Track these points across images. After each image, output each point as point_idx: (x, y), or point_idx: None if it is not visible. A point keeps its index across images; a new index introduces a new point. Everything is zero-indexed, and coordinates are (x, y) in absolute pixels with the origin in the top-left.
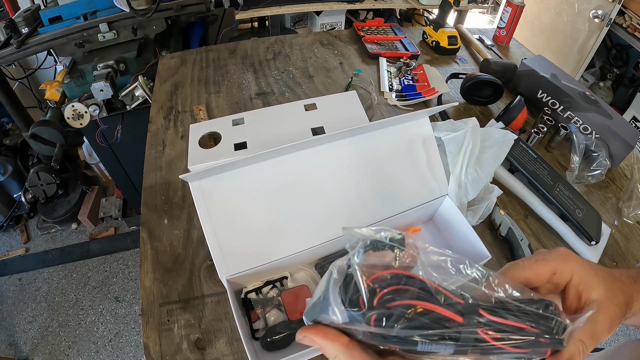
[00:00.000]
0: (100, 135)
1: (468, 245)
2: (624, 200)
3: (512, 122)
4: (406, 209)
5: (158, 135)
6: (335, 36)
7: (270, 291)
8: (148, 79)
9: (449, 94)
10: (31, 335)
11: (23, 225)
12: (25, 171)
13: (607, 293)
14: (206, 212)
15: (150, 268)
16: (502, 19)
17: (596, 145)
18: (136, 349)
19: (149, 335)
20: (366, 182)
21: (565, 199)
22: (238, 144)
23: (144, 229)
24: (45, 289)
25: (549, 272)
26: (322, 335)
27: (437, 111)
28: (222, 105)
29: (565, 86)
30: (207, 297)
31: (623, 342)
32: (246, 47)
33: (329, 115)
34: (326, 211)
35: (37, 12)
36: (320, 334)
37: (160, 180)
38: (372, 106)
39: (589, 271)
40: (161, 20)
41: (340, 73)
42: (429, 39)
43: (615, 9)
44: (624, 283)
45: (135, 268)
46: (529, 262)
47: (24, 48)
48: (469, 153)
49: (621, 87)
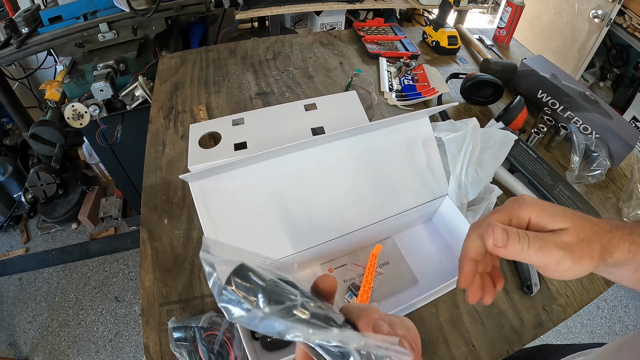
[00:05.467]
0: (100, 135)
1: None
2: (624, 200)
3: (512, 122)
4: (406, 209)
5: (158, 135)
6: (335, 36)
7: None
8: (148, 79)
9: (449, 94)
10: (31, 335)
11: (23, 225)
12: (25, 171)
13: (573, 226)
14: (206, 212)
15: (150, 268)
16: (502, 19)
17: (596, 145)
18: (136, 349)
19: (149, 335)
20: (366, 182)
21: (565, 199)
22: (238, 144)
23: (144, 229)
24: (45, 289)
25: (506, 221)
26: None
27: (437, 111)
28: (222, 105)
29: (565, 86)
30: (207, 297)
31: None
32: (246, 47)
33: (329, 115)
34: (326, 211)
35: (37, 12)
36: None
37: (160, 180)
38: (372, 106)
39: (551, 208)
40: (161, 20)
41: (340, 73)
42: (429, 39)
43: (615, 9)
44: (600, 227)
45: (135, 268)
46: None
47: (24, 48)
48: (469, 153)
49: (621, 87)
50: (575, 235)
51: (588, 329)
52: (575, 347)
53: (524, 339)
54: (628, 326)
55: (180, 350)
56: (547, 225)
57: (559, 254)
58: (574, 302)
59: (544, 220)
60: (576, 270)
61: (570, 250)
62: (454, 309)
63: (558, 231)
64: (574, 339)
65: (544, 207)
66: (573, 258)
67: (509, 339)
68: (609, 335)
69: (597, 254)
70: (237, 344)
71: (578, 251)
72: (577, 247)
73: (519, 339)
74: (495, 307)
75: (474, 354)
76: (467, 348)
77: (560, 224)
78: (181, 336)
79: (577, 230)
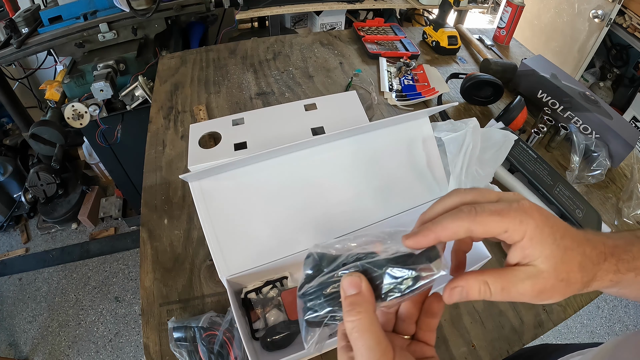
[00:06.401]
0: (100, 135)
1: None
2: (624, 200)
3: (512, 122)
4: (406, 208)
5: (158, 135)
6: (335, 36)
7: (270, 291)
8: (148, 79)
9: (449, 94)
10: (31, 335)
11: (23, 225)
12: (25, 171)
13: (554, 266)
14: (206, 212)
15: (150, 268)
16: (502, 19)
17: (596, 145)
18: (136, 349)
19: (149, 335)
20: (366, 182)
21: (565, 199)
22: (238, 144)
23: (144, 229)
24: (45, 289)
25: (501, 231)
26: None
27: (437, 111)
28: (222, 105)
29: (565, 86)
30: (207, 297)
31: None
32: (246, 47)
33: (329, 115)
34: (326, 211)
35: (37, 12)
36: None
37: (160, 180)
38: (372, 106)
39: (545, 236)
40: (161, 20)
41: (340, 73)
42: (429, 39)
43: (615, 9)
44: (590, 260)
45: (135, 268)
46: (480, 215)
47: (24, 48)
48: (469, 153)
49: (621, 87)
50: (554, 277)
51: (588, 329)
52: (573, 347)
53: (524, 339)
54: (628, 326)
55: (180, 350)
56: (533, 252)
57: (525, 298)
58: (574, 302)
59: (534, 244)
60: (544, 301)
61: (542, 292)
62: (454, 309)
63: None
64: (573, 339)
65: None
66: (542, 298)
67: (509, 339)
68: (609, 335)
69: (572, 291)
70: (237, 344)
71: (550, 292)
72: (552, 288)
73: (519, 339)
74: (495, 307)
75: (474, 354)
76: (467, 348)
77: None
78: (181, 336)
79: (559, 270)
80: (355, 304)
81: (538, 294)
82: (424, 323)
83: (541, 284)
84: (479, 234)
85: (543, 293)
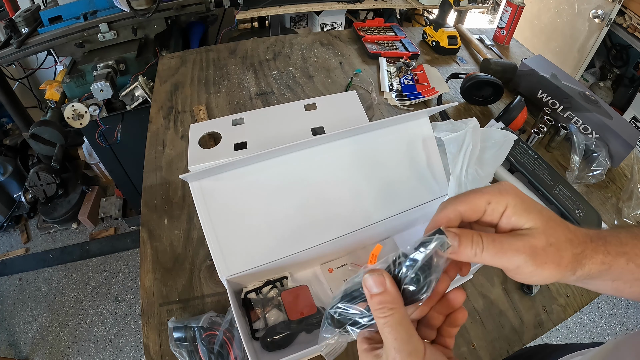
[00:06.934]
0: (100, 135)
1: None
2: (624, 200)
3: (512, 122)
4: (406, 209)
5: (158, 135)
6: (335, 36)
7: (270, 291)
8: (148, 79)
9: (449, 94)
10: (31, 335)
11: (23, 225)
12: (25, 171)
13: (542, 229)
14: (206, 212)
15: (150, 268)
16: (502, 19)
17: (596, 145)
18: (136, 349)
19: (149, 335)
20: (366, 182)
21: (565, 199)
22: (238, 144)
23: (144, 229)
24: (45, 289)
25: (484, 203)
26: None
27: (437, 111)
28: (222, 105)
29: (565, 86)
30: (207, 297)
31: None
32: (246, 47)
33: (329, 115)
34: (326, 211)
35: (37, 12)
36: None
37: (160, 180)
38: (372, 106)
39: (528, 205)
40: (161, 20)
41: (340, 73)
42: (429, 39)
43: (615, 9)
44: (575, 235)
45: (135, 268)
46: (463, 195)
47: (24, 48)
48: (469, 153)
49: (621, 87)
50: (544, 239)
51: (588, 329)
52: (573, 347)
53: (524, 339)
54: (628, 326)
55: (180, 350)
56: (519, 219)
57: (518, 259)
58: (574, 302)
59: (518, 212)
60: (539, 276)
61: (535, 254)
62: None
63: (526, 231)
64: (574, 339)
65: (524, 200)
66: (536, 263)
67: (509, 339)
68: (609, 335)
69: (565, 262)
70: (237, 344)
71: (543, 256)
72: (543, 251)
73: (519, 339)
74: (495, 307)
75: (474, 354)
76: (467, 348)
77: (533, 222)
78: (181, 336)
79: (548, 233)
80: (384, 302)
81: (531, 252)
82: (445, 331)
83: (533, 242)
84: (466, 211)
85: (536, 254)
